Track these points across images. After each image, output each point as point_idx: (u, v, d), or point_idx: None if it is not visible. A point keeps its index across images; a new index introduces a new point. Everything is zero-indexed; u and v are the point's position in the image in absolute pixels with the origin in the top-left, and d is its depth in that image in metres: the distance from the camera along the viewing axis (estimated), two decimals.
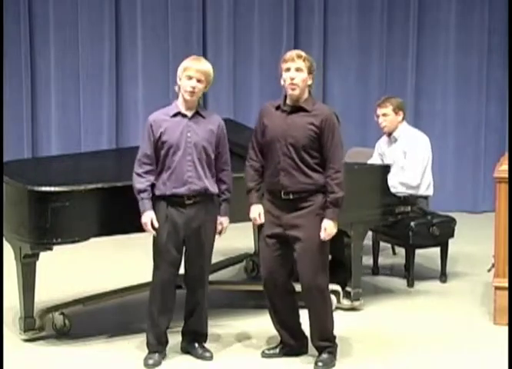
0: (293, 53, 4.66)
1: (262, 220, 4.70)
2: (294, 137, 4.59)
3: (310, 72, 4.63)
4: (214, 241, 4.83)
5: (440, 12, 9.03)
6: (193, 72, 4.63)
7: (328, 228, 4.59)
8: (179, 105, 4.73)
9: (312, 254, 4.61)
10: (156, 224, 4.65)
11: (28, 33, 8.79)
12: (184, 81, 4.66)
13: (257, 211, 4.72)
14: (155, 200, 4.69)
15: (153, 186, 4.70)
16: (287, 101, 4.67)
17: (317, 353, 4.78)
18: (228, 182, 4.82)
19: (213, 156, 4.74)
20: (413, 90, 9.04)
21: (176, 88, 4.74)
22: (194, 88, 4.64)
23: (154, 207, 4.68)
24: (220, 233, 4.83)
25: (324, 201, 4.61)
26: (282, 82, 4.66)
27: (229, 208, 4.84)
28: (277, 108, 4.70)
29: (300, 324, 4.88)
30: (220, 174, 4.79)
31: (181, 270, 4.82)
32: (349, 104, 9.08)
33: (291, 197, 4.62)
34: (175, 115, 4.71)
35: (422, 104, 9.08)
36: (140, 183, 4.66)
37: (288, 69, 4.61)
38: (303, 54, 4.66)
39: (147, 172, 4.68)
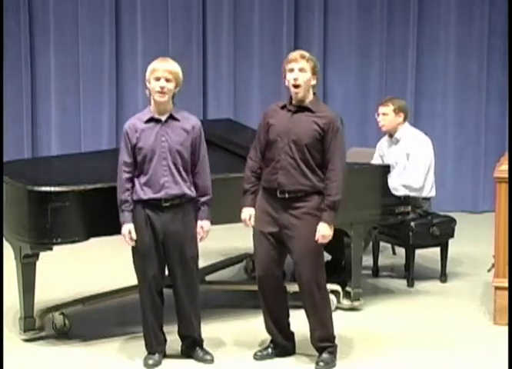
0: (296, 53, 4.65)
1: (252, 223, 4.71)
2: (297, 135, 4.58)
3: (313, 73, 4.62)
4: (196, 244, 4.77)
5: (440, 12, 9.02)
6: (160, 73, 4.62)
7: (322, 231, 4.59)
8: (151, 110, 4.72)
9: (311, 253, 4.62)
10: (134, 236, 4.65)
11: (28, 33, 8.77)
12: (153, 82, 4.64)
13: (247, 214, 4.73)
14: (134, 204, 4.68)
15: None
16: (293, 102, 4.67)
17: (316, 353, 4.78)
18: (204, 185, 4.74)
19: (189, 159, 4.71)
20: (413, 90, 9.02)
21: (147, 93, 4.73)
22: (163, 87, 4.62)
23: (133, 212, 4.67)
24: (201, 238, 4.77)
25: (319, 202, 4.61)
26: (286, 83, 4.66)
27: (209, 211, 4.76)
28: (283, 107, 4.69)
29: (290, 324, 4.89)
30: (195, 178, 4.73)
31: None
32: (349, 104, 9.07)
33: (287, 196, 4.61)
34: (148, 121, 4.69)
35: (422, 104, 9.06)
36: (123, 193, 4.67)
37: (292, 70, 4.60)
38: (306, 54, 4.64)
39: (127, 180, 4.67)
